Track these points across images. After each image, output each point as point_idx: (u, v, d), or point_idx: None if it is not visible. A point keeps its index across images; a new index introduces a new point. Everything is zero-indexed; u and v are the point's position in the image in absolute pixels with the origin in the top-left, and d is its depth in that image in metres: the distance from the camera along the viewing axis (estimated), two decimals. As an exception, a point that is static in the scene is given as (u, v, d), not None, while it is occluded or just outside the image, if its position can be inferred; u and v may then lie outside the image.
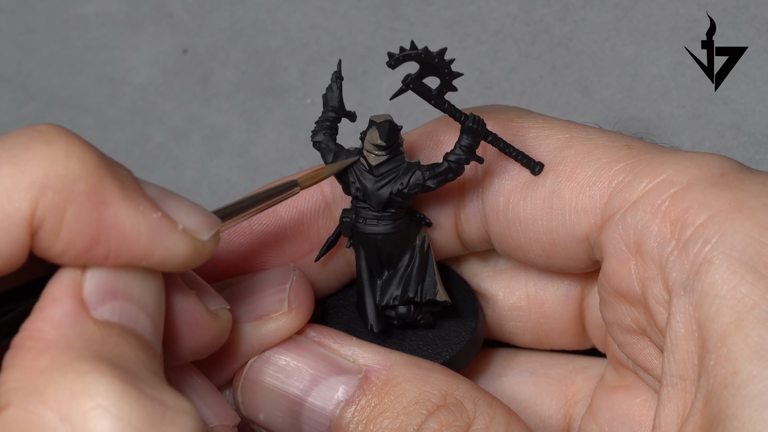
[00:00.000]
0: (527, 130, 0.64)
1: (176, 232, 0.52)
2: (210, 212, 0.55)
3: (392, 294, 0.64)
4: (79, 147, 0.51)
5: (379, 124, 0.62)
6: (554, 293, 0.69)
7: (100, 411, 0.47)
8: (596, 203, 0.61)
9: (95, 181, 0.50)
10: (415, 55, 0.59)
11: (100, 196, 0.50)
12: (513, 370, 0.71)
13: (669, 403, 0.57)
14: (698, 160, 0.59)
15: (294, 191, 0.61)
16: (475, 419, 0.60)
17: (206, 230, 0.53)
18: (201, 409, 0.58)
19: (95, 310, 0.51)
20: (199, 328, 0.57)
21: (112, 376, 0.48)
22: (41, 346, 0.49)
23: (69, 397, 0.47)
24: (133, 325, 0.52)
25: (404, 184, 0.62)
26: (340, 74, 0.64)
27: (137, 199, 0.51)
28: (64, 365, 0.48)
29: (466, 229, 0.66)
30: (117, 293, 0.52)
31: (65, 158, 0.50)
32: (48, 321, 0.50)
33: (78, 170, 0.50)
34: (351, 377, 0.62)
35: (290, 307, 0.62)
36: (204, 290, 0.58)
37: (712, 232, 0.56)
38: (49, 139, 0.50)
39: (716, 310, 0.54)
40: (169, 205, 0.53)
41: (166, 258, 0.52)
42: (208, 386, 0.60)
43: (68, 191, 0.50)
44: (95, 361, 0.48)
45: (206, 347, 0.58)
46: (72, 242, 0.50)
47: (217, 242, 0.54)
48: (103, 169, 0.51)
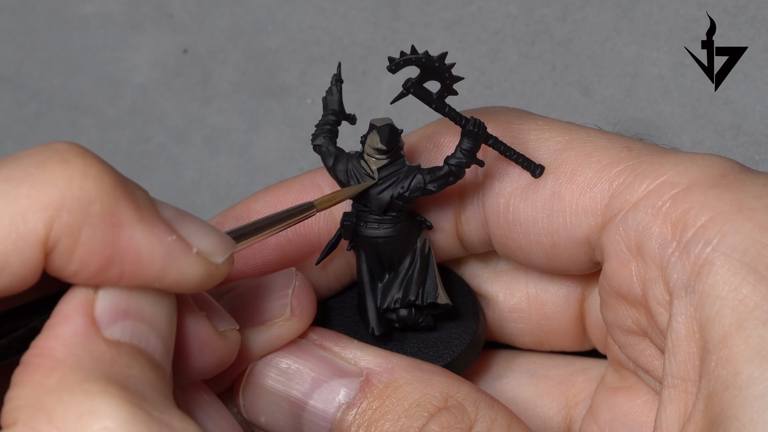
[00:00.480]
0: (527, 133, 0.64)
1: (190, 255, 0.52)
2: (224, 234, 0.54)
3: (393, 297, 0.64)
4: (95, 167, 0.50)
5: (380, 128, 0.62)
6: (555, 295, 0.69)
7: None
8: (597, 205, 0.61)
9: (111, 202, 0.50)
10: (416, 60, 0.59)
11: (116, 218, 0.50)
12: (513, 371, 0.71)
13: (670, 405, 0.57)
14: (699, 161, 0.59)
15: (311, 213, 0.61)
16: (477, 421, 0.60)
17: (220, 253, 0.53)
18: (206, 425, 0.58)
19: (106, 329, 0.51)
20: (207, 349, 0.57)
21: (120, 398, 0.48)
22: (51, 364, 0.49)
23: (76, 418, 0.47)
24: (144, 345, 0.51)
25: (405, 187, 0.62)
26: (339, 77, 0.64)
27: (152, 221, 0.51)
28: (73, 385, 0.48)
29: (466, 232, 0.66)
30: (129, 313, 0.51)
31: (81, 179, 0.50)
32: (58, 339, 0.49)
33: (94, 192, 0.50)
34: (352, 380, 0.62)
35: (293, 312, 0.62)
36: (214, 311, 0.58)
37: (713, 234, 0.56)
38: (66, 158, 0.50)
39: (717, 311, 0.54)
40: (184, 228, 0.53)
41: (180, 280, 0.52)
42: (215, 403, 0.60)
43: (84, 213, 0.50)
44: (104, 382, 0.48)
45: (214, 367, 0.58)
46: (86, 263, 0.50)
47: (230, 265, 0.54)
48: (119, 190, 0.51)
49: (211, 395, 0.60)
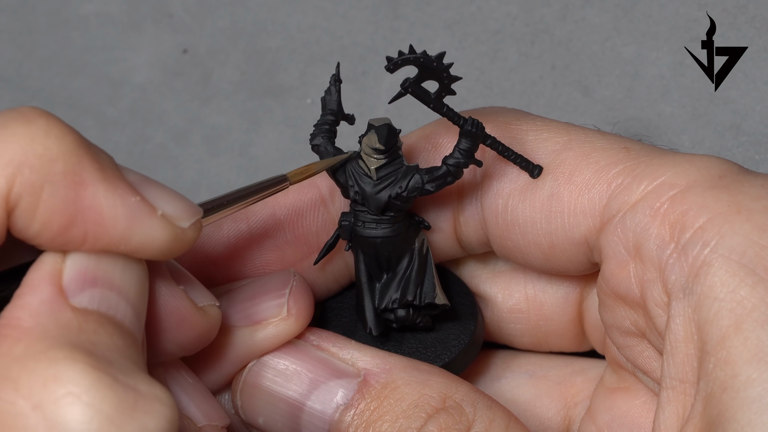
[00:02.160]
0: (526, 133, 0.64)
1: (155, 217, 0.52)
2: (191, 201, 0.55)
3: (391, 297, 0.64)
4: (58, 127, 0.51)
5: (378, 128, 0.62)
6: (553, 295, 0.69)
7: (71, 398, 0.47)
8: (595, 206, 0.61)
9: (73, 161, 0.50)
10: (414, 60, 0.59)
11: (78, 177, 0.50)
12: (512, 372, 0.71)
13: (668, 406, 0.57)
14: (697, 162, 0.59)
15: (283, 186, 0.61)
16: (475, 422, 0.60)
17: (186, 218, 0.53)
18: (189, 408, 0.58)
19: (74, 297, 0.51)
20: (185, 323, 0.57)
21: (85, 364, 0.48)
22: (17, 333, 0.49)
23: (41, 385, 0.47)
24: (113, 312, 0.51)
25: (403, 187, 0.62)
26: (338, 77, 0.64)
27: (116, 182, 0.51)
28: (38, 353, 0.48)
29: (465, 232, 0.66)
30: (97, 280, 0.52)
31: (44, 137, 0.50)
32: (25, 308, 0.50)
33: (56, 150, 0.50)
34: (350, 381, 0.62)
35: (289, 312, 0.62)
36: (192, 285, 0.58)
37: (712, 235, 0.56)
38: (29, 118, 0.50)
39: (715, 312, 0.54)
40: (149, 191, 0.53)
41: (145, 243, 0.52)
42: (199, 385, 0.60)
43: (46, 170, 0.50)
44: (69, 349, 0.48)
45: (193, 343, 0.58)
46: (48, 222, 0.50)
47: (197, 231, 0.54)
48: (82, 150, 0.51)
49: (195, 379, 0.60)
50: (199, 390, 0.60)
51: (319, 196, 0.66)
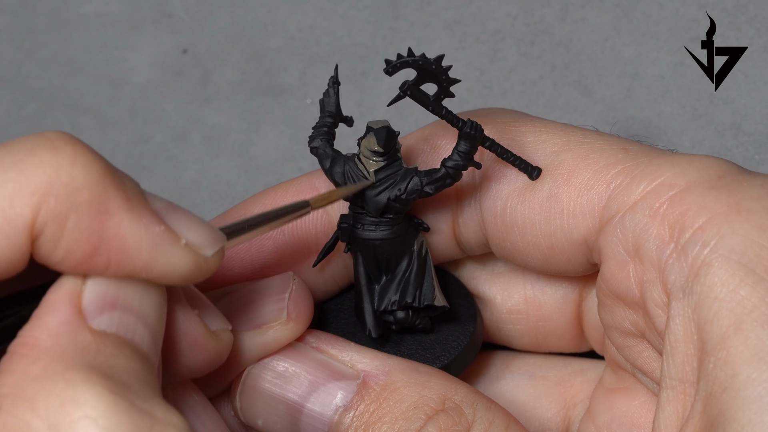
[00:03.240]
0: (524, 134, 0.64)
1: (179, 246, 0.52)
2: (215, 228, 0.54)
3: (390, 299, 0.64)
4: (85, 156, 0.51)
5: (377, 130, 0.62)
6: (552, 296, 0.69)
7: (87, 422, 0.47)
8: (594, 207, 0.61)
9: (99, 190, 0.50)
10: (413, 62, 0.59)
11: (103, 206, 0.50)
12: (512, 373, 0.71)
13: (668, 406, 0.57)
14: (696, 162, 0.59)
15: (305, 211, 0.61)
16: (474, 423, 0.60)
17: (210, 246, 0.53)
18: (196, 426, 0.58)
19: (93, 319, 0.51)
20: (198, 348, 0.57)
21: (102, 387, 0.48)
22: (35, 353, 0.49)
23: (58, 406, 0.47)
24: (131, 336, 0.51)
25: (402, 190, 0.62)
26: (337, 79, 0.64)
27: (141, 211, 0.51)
28: (56, 374, 0.48)
29: (464, 234, 0.66)
30: (116, 304, 0.52)
31: (70, 166, 0.50)
32: (44, 328, 0.50)
33: (82, 179, 0.50)
34: (349, 383, 0.62)
35: (289, 316, 0.62)
36: (207, 309, 0.58)
37: (711, 235, 0.56)
38: (56, 146, 0.50)
39: (715, 312, 0.54)
40: (174, 219, 0.53)
41: (168, 271, 0.52)
42: (205, 404, 0.60)
43: (71, 199, 0.50)
44: (87, 371, 0.48)
45: (204, 366, 0.58)
46: (72, 250, 0.50)
47: (220, 259, 0.54)
48: (108, 179, 0.51)
49: (201, 397, 0.60)
50: (205, 408, 0.60)
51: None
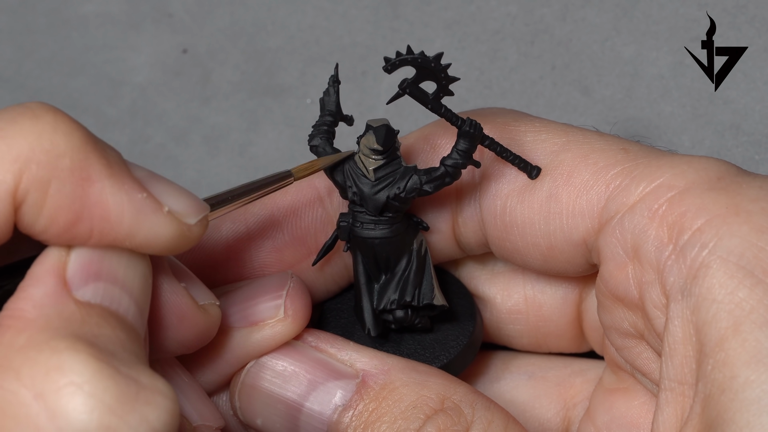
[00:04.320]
0: (524, 134, 0.64)
1: (161, 213, 0.52)
2: (198, 197, 0.55)
3: (390, 298, 0.64)
4: (66, 123, 0.51)
5: (376, 129, 0.62)
6: (552, 296, 0.69)
7: (73, 388, 0.47)
8: (593, 207, 0.61)
9: (81, 157, 0.51)
10: (412, 60, 0.59)
11: (85, 173, 0.51)
12: (511, 373, 0.71)
13: (667, 407, 0.57)
14: (695, 163, 0.59)
15: (288, 181, 0.61)
16: (473, 423, 0.60)
17: (193, 214, 0.54)
18: (185, 407, 0.59)
19: (77, 290, 0.51)
20: (186, 321, 0.57)
21: (87, 354, 0.48)
22: (20, 324, 0.49)
23: (43, 375, 0.47)
24: (116, 306, 0.52)
25: (401, 188, 0.62)
26: (337, 78, 0.64)
27: (123, 178, 0.52)
28: (41, 343, 0.48)
29: (463, 233, 0.66)
30: (101, 274, 0.52)
31: (51, 133, 0.50)
32: (29, 300, 0.50)
33: (64, 146, 0.50)
34: (348, 382, 0.62)
35: (286, 314, 0.62)
36: (194, 283, 0.59)
37: (710, 237, 0.56)
38: (37, 114, 0.51)
39: (714, 314, 0.54)
40: (156, 187, 0.53)
41: (151, 239, 0.52)
42: (194, 385, 0.60)
43: (53, 166, 0.50)
44: (72, 340, 0.48)
45: (193, 341, 0.58)
46: (55, 218, 0.51)
47: (204, 227, 0.54)
48: (89, 146, 0.51)
49: (191, 379, 0.61)
50: (194, 390, 0.60)
51: (317, 197, 0.66)
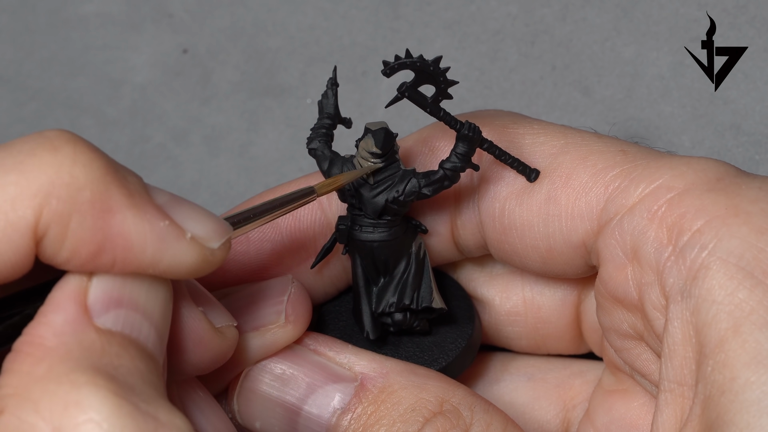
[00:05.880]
0: (522, 137, 0.64)
1: (184, 240, 0.52)
2: (221, 219, 0.54)
3: (388, 301, 0.64)
4: (85, 154, 0.50)
5: (375, 132, 0.62)
6: (551, 298, 0.68)
7: (91, 425, 0.47)
8: (592, 209, 0.61)
9: (101, 189, 0.50)
10: (410, 64, 0.59)
11: (106, 204, 0.50)
12: (510, 375, 0.71)
13: (667, 409, 0.57)
14: (694, 164, 0.59)
15: (311, 198, 0.61)
16: (472, 426, 0.60)
17: (216, 239, 0.53)
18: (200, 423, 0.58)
19: (98, 318, 0.51)
20: (203, 345, 0.56)
21: (107, 390, 0.48)
22: (40, 352, 0.49)
23: (62, 409, 0.47)
24: (136, 334, 0.51)
25: (400, 191, 0.62)
26: (335, 80, 0.64)
27: (144, 206, 0.51)
28: (61, 375, 0.48)
29: (462, 236, 0.66)
30: (122, 302, 0.51)
31: (71, 166, 0.50)
32: (49, 327, 0.50)
33: (83, 178, 0.50)
34: (347, 385, 0.62)
35: (287, 319, 0.62)
36: (211, 306, 0.58)
37: (709, 238, 0.56)
38: (56, 146, 0.50)
39: (714, 315, 0.54)
40: (178, 213, 0.53)
41: (174, 266, 0.52)
42: (210, 400, 0.60)
43: (73, 199, 0.50)
44: (92, 373, 0.48)
45: (209, 364, 0.58)
46: (77, 250, 0.50)
47: (227, 250, 0.54)
48: (110, 176, 0.51)
49: (206, 394, 0.60)
50: (211, 406, 0.60)
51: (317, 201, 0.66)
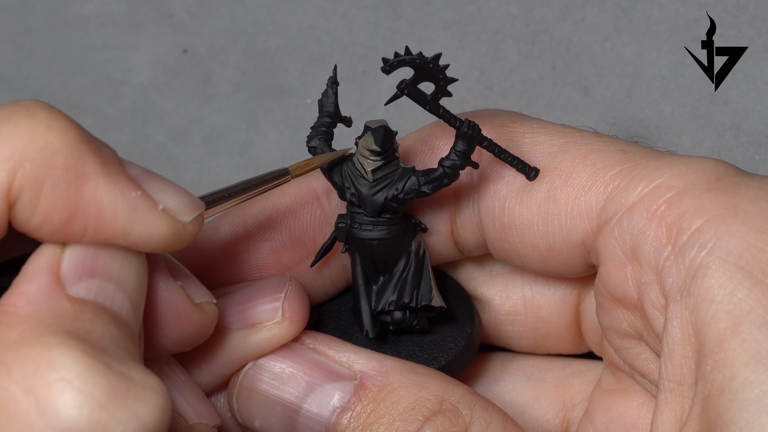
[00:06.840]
0: (522, 135, 0.64)
1: (156, 211, 0.52)
2: (193, 195, 0.55)
3: (388, 299, 0.64)
4: (60, 121, 0.51)
5: (374, 130, 0.62)
6: (551, 297, 0.68)
7: (63, 383, 0.47)
8: (592, 208, 0.61)
9: (75, 155, 0.51)
10: (410, 61, 0.59)
11: (79, 171, 0.51)
12: (510, 374, 0.71)
13: (666, 408, 0.57)
14: (694, 164, 0.59)
15: (285, 179, 0.61)
16: (471, 425, 0.60)
17: (188, 212, 0.54)
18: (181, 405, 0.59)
19: (71, 287, 0.51)
20: (182, 319, 0.57)
21: (78, 350, 0.48)
22: (13, 320, 0.49)
23: (34, 370, 0.47)
24: (110, 303, 0.52)
25: (399, 189, 0.62)
26: (335, 79, 0.64)
27: (117, 176, 0.52)
28: (32, 339, 0.48)
29: (462, 234, 0.66)
30: (95, 271, 0.52)
31: (45, 131, 0.50)
32: (22, 296, 0.50)
33: (58, 144, 0.50)
34: (346, 383, 0.62)
35: (284, 316, 0.62)
36: (190, 282, 0.59)
37: (708, 237, 0.56)
38: (31, 112, 0.51)
39: (713, 315, 0.54)
40: (151, 185, 0.53)
41: (145, 237, 0.52)
42: (191, 383, 0.60)
43: (47, 164, 0.50)
44: (63, 335, 0.48)
45: (190, 339, 0.58)
46: (49, 216, 0.51)
47: (199, 225, 0.54)
48: (84, 144, 0.51)
49: (188, 377, 0.61)
50: (191, 388, 0.60)
51: (315, 198, 0.66)
